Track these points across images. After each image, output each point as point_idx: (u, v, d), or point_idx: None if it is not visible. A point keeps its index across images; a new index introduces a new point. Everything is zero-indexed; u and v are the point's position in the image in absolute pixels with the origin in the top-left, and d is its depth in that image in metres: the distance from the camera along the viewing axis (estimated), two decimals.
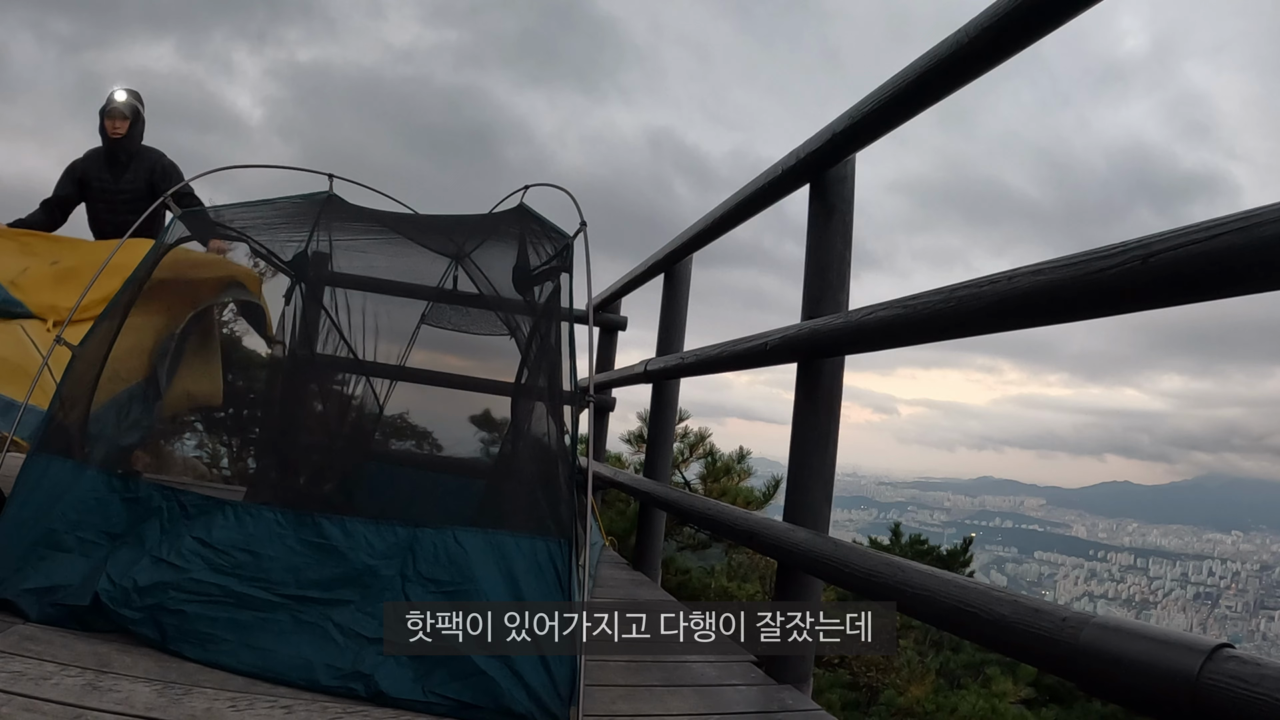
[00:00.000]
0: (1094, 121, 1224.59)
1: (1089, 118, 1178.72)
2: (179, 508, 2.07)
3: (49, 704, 1.52)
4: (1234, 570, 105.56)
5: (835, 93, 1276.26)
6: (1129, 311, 1.40)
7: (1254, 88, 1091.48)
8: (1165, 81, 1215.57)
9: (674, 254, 4.05)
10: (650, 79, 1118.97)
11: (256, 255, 2.84)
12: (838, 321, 2.26)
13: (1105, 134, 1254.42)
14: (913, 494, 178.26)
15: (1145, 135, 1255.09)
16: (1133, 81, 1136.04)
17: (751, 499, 6.33)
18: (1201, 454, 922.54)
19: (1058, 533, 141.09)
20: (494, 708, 1.75)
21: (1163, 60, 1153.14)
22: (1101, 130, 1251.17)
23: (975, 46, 1.83)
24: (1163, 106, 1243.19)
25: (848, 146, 2.41)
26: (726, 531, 2.92)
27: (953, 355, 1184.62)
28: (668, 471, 4.34)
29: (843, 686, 5.24)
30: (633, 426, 6.69)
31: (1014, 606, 1.45)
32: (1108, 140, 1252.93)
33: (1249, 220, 1.14)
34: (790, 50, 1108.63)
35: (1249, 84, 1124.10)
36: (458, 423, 2.98)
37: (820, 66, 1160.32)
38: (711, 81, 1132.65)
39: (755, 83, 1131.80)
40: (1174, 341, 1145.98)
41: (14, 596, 1.93)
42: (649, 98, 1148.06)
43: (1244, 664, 1.09)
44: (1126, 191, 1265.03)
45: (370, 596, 1.92)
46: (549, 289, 2.40)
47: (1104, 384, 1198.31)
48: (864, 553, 1.99)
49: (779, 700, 2.16)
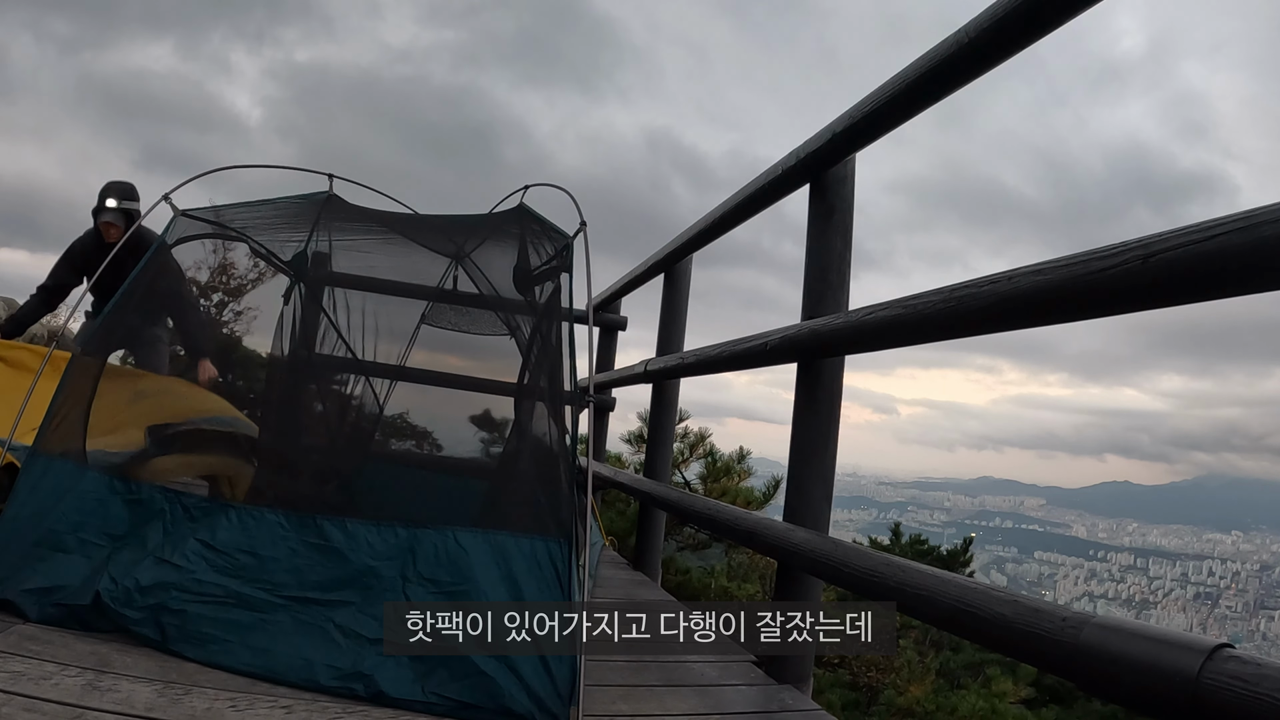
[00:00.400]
0: (1091, 121, 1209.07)
1: (1086, 117, 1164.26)
2: (182, 510, 2.07)
3: (49, 704, 1.52)
4: (1234, 570, 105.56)
5: (832, 92, 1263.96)
6: (1129, 311, 1.40)
7: (1251, 87, 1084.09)
8: (1162, 81, 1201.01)
9: (674, 254, 4.05)
10: (648, 79, 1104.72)
11: (256, 255, 2.84)
12: (838, 321, 2.26)
13: (1102, 134, 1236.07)
14: (913, 494, 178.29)
15: (1142, 135, 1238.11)
16: (1130, 81, 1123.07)
17: (751, 499, 6.33)
18: (1201, 454, 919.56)
19: (1058, 533, 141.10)
20: (494, 708, 1.75)
21: (1159, 60, 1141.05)
22: (1099, 130, 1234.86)
23: (975, 46, 1.83)
24: (1160, 106, 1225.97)
25: (848, 146, 2.41)
26: (726, 531, 2.92)
27: (952, 355, 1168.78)
28: (668, 471, 4.34)
29: (843, 686, 5.24)
30: (633, 426, 6.69)
31: (1014, 606, 1.45)
32: (1105, 140, 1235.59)
33: (1249, 220, 1.14)
34: (787, 50, 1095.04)
35: (1246, 84, 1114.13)
36: (458, 423, 2.98)
37: (817, 66, 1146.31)
38: (709, 81, 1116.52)
39: (752, 82, 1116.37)
40: (1172, 341, 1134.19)
41: (14, 596, 1.92)
42: (646, 97, 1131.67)
43: (1244, 664, 1.09)
44: (1124, 191, 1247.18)
45: (371, 597, 1.92)
46: (549, 289, 2.40)
47: (1103, 384, 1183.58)
48: (864, 553, 1.99)
49: (779, 700, 2.16)
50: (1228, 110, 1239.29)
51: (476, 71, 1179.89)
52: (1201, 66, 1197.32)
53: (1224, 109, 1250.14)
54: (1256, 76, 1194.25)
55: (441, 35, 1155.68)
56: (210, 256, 2.85)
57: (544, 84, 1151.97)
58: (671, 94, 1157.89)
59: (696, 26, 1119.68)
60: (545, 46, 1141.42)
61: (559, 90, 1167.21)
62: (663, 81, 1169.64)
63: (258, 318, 3.07)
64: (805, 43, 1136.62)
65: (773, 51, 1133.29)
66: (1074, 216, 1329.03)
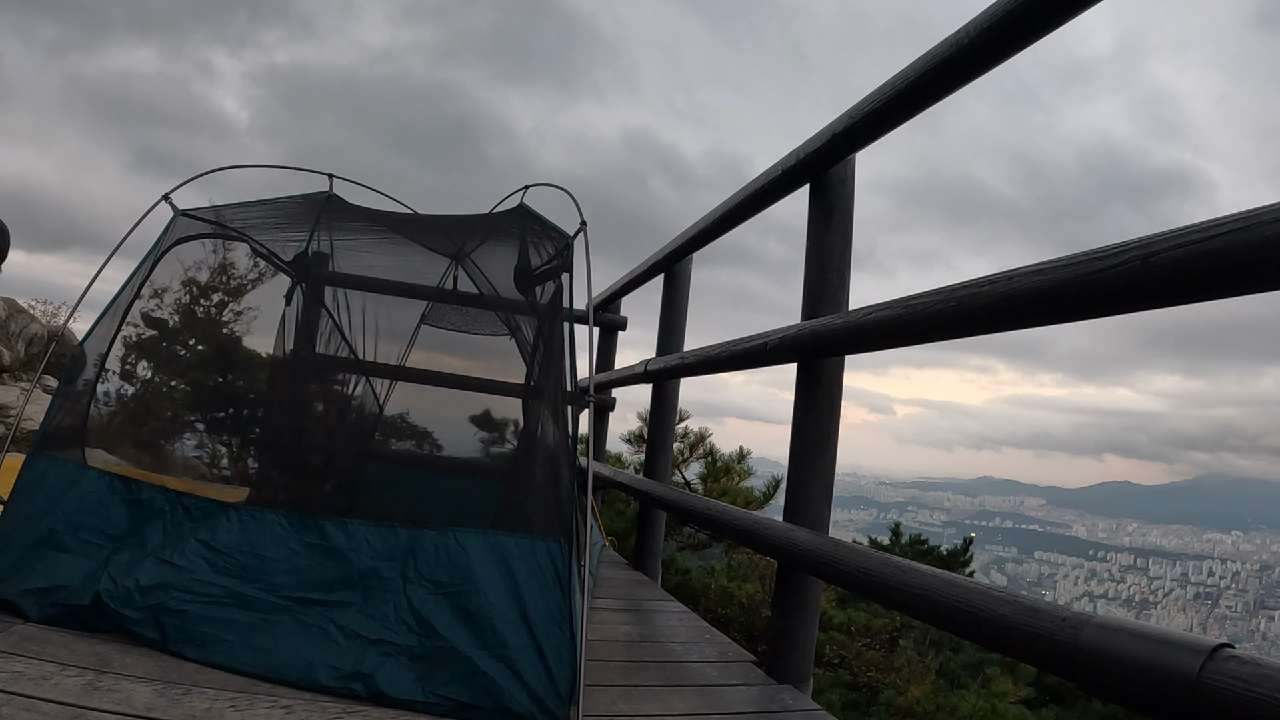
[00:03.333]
0: (1063, 120, 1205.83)
1: (1057, 117, 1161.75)
2: (183, 511, 2.08)
3: (49, 704, 1.52)
4: (1234, 570, 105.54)
5: (801, 91, 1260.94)
6: (1129, 311, 1.40)
7: (1218, 82, 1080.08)
8: (1131, 81, 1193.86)
9: (674, 254, 4.05)
10: (623, 77, 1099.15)
11: (257, 255, 2.84)
12: (838, 321, 2.26)
13: (1074, 133, 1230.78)
14: (913, 494, 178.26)
15: (1114, 133, 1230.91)
16: (1098, 80, 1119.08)
17: (751, 499, 6.32)
18: (1199, 454, 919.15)
19: (1058, 533, 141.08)
20: (494, 708, 1.75)
21: (1127, 58, 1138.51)
22: (1071, 129, 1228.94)
23: (975, 46, 1.83)
24: (1130, 104, 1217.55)
25: (847, 146, 2.41)
26: (726, 531, 2.92)
27: (946, 355, 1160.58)
28: (668, 471, 4.34)
29: (843, 686, 5.23)
30: (633, 426, 6.69)
31: (1014, 606, 1.45)
32: (1077, 139, 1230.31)
33: (1249, 220, 1.14)
34: (754, 48, 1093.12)
35: (1213, 79, 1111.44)
36: (457, 423, 2.98)
37: (784, 64, 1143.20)
38: (681, 79, 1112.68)
39: (724, 80, 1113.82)
40: (1158, 341, 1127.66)
41: (14, 596, 1.92)
42: (623, 96, 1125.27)
43: (1244, 664, 1.09)
44: (1099, 189, 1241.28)
45: (372, 598, 1.92)
46: (551, 289, 2.40)
47: (1097, 384, 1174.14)
48: (864, 553, 1.99)
49: (779, 700, 2.16)
50: (1199, 108, 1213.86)
51: (456, 69, 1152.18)
52: (1169, 65, 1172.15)
53: (1195, 106, 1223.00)
54: (1222, 71, 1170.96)
55: (419, 34, 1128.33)
56: (210, 256, 2.85)
57: (522, 82, 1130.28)
58: (646, 92, 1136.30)
59: (665, 24, 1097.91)
60: (520, 43, 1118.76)
61: (537, 88, 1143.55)
62: (637, 79, 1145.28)
63: (258, 318, 3.07)
64: (771, 40, 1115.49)
65: (741, 50, 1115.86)
66: (1053, 214, 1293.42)
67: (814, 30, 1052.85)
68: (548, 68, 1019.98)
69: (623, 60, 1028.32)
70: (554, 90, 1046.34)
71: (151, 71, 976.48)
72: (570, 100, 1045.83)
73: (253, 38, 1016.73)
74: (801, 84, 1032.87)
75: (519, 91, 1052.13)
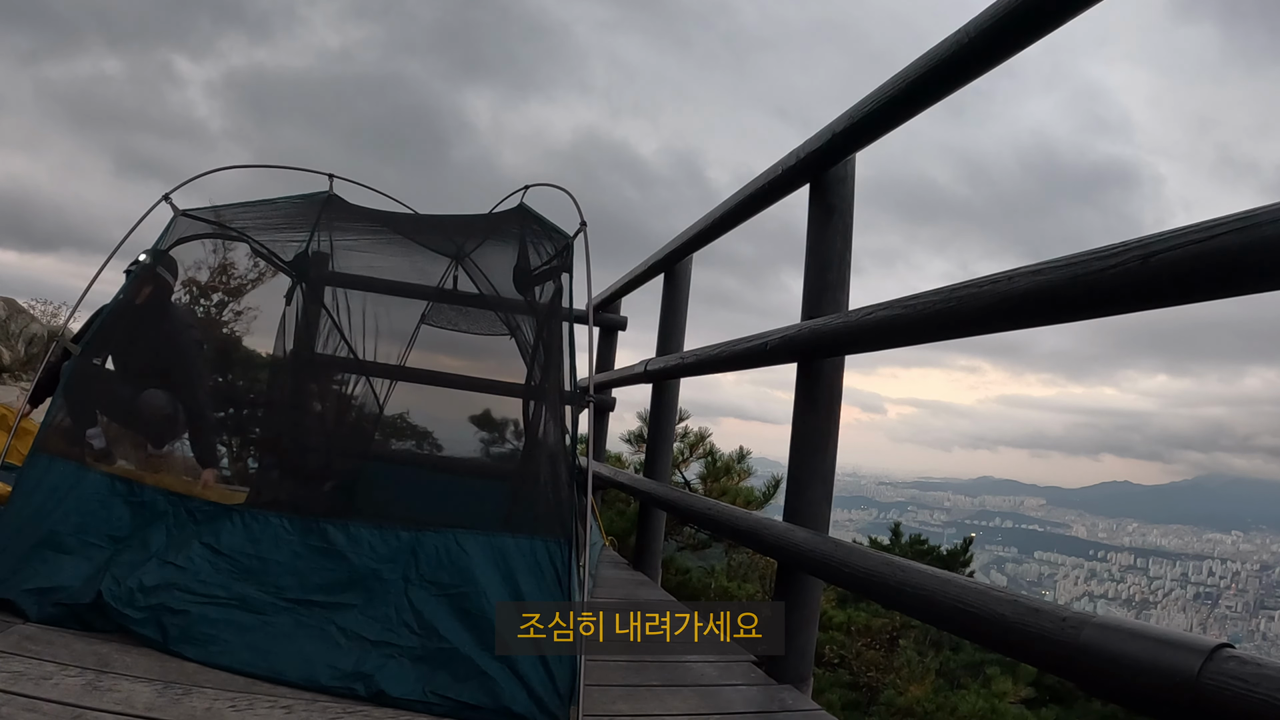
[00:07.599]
0: (995, 119, 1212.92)
1: (987, 114, 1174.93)
2: (186, 513, 2.08)
3: (49, 704, 1.52)
4: (1234, 570, 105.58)
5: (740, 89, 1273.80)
6: (1129, 311, 1.40)
7: (1142, 74, 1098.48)
8: (1057, 81, 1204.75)
9: (674, 254, 4.05)
10: (571, 73, 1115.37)
11: (257, 255, 2.84)
12: (837, 321, 2.26)
13: (1008, 132, 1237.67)
14: (912, 494, 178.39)
15: (1049, 130, 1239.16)
16: (1027, 78, 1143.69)
17: (751, 499, 6.33)
18: (1194, 453, 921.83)
19: (1058, 533, 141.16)
20: (494, 708, 1.75)
21: (1053, 54, 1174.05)
22: (1006, 127, 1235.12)
23: (975, 46, 1.83)
24: (1063, 102, 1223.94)
25: (848, 146, 2.41)
26: (726, 531, 2.92)
27: (933, 355, 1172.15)
28: (668, 471, 4.34)
29: (843, 686, 5.24)
30: (633, 426, 6.69)
31: (1014, 606, 1.45)
32: (1012, 137, 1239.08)
33: (1249, 220, 1.14)
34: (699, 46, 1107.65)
35: (1142, 74, 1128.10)
36: (457, 423, 2.97)
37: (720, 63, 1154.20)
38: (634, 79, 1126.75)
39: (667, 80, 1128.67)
40: (1139, 341, 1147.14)
41: (15, 596, 1.92)
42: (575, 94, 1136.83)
43: (1244, 664, 1.09)
44: (1043, 186, 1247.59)
45: (373, 600, 1.92)
46: (551, 289, 2.40)
47: (1084, 384, 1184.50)
48: (864, 553, 1.99)
49: (779, 700, 2.16)
50: (1131, 102, 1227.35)
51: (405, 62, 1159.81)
52: (1094, 59, 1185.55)
53: (1127, 101, 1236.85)
54: (1145, 63, 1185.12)
55: (373, 31, 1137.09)
56: (210, 256, 2.85)
57: (478, 79, 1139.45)
58: (597, 89, 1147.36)
59: (608, 21, 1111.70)
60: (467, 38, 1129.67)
61: (493, 86, 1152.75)
62: (589, 76, 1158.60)
63: (258, 318, 3.07)
64: (710, 40, 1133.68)
65: (685, 49, 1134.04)
66: (1004, 211, 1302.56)
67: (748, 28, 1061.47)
68: (505, 65, 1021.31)
69: (574, 58, 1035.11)
70: (508, 87, 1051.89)
71: (124, 76, 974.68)
72: (525, 99, 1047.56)
73: (220, 45, 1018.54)
74: (737, 82, 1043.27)
75: (475, 89, 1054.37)
